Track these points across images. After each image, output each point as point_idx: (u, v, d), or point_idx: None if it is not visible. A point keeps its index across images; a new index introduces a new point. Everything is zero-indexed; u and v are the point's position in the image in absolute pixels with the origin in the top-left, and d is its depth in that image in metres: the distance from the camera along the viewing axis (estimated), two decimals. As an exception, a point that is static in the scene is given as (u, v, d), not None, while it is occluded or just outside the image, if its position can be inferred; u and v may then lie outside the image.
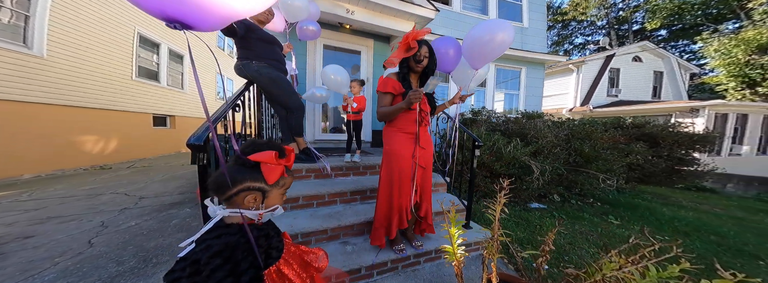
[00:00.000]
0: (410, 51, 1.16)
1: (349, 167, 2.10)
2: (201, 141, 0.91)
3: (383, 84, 1.23)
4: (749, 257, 1.62)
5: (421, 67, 1.20)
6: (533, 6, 4.45)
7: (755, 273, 1.43)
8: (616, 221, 2.15)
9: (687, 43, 13.10)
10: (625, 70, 7.54)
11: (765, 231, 2.14)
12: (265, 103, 2.11)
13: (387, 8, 2.72)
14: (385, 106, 1.22)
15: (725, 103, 5.47)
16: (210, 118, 1.18)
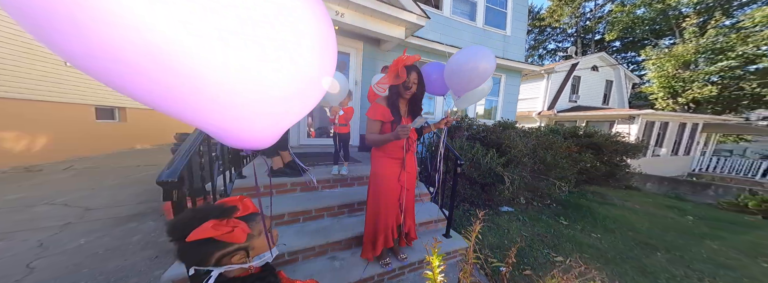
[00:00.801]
0: (399, 79, 1.18)
1: (337, 179, 2.10)
2: (175, 176, 0.80)
3: (373, 111, 1.25)
4: (651, 249, 2.11)
5: (411, 94, 1.22)
6: (517, 15, 4.65)
7: (651, 263, 1.87)
8: (564, 222, 2.57)
9: (634, 54, 15.00)
10: (585, 79, 8.50)
11: (667, 225, 2.78)
12: None
13: (378, 13, 2.64)
14: (374, 134, 1.26)
15: (654, 112, 6.63)
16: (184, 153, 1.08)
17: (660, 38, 13.80)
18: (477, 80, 1.25)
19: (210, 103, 0.33)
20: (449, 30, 4.10)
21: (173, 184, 0.78)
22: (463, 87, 1.32)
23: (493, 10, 4.49)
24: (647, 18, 13.63)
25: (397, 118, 1.21)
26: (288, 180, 1.87)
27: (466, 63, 1.25)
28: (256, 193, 1.83)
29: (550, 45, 19.16)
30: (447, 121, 1.32)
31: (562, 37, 18.44)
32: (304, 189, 1.96)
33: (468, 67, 1.23)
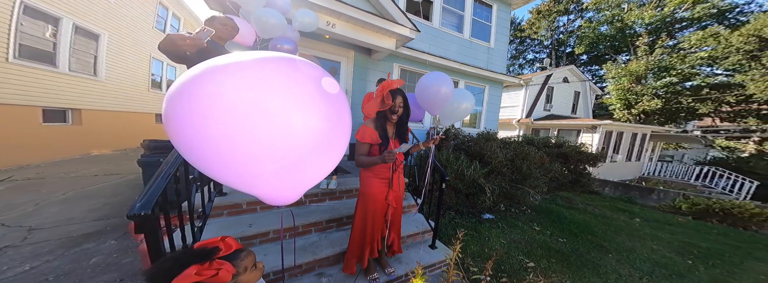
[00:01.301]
0: (386, 105, 1.25)
1: (325, 193, 2.09)
2: (149, 208, 0.71)
3: (362, 134, 1.30)
4: (605, 251, 2.42)
5: (397, 117, 1.29)
6: (500, 29, 4.98)
7: (604, 264, 2.17)
8: (537, 227, 2.84)
9: (598, 68, 16.80)
10: (557, 89, 9.36)
11: (619, 228, 3.20)
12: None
13: (369, 25, 2.69)
14: (363, 156, 1.31)
15: (612, 123, 7.56)
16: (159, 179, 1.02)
17: (618, 54, 15.66)
18: (441, 101, 1.43)
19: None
20: (438, 41, 4.26)
21: (147, 217, 0.71)
22: (434, 107, 1.47)
23: (479, 23, 4.76)
24: (609, 35, 15.39)
25: (384, 141, 1.28)
26: None
27: (430, 87, 1.41)
28: (238, 210, 1.76)
29: (529, 55, 20.75)
30: (434, 140, 1.41)
31: (539, 48, 20.08)
32: (291, 204, 1.94)
33: (432, 90, 1.41)
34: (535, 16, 18.50)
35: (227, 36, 1.49)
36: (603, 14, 15.42)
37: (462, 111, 1.51)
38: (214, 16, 1.44)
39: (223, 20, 1.44)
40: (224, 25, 1.44)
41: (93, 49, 4.75)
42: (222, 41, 1.49)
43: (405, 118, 1.34)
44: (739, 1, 12.20)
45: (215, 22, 1.41)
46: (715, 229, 3.65)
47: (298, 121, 0.47)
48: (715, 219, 4.00)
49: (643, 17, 13.51)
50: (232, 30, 1.49)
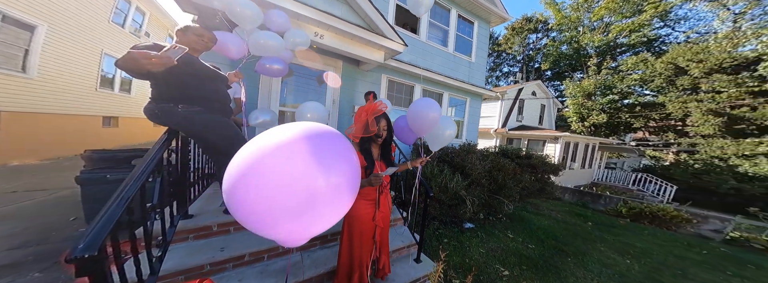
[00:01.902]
0: (370, 132, 1.28)
1: None
2: (95, 250, 0.59)
3: None
4: (565, 255, 2.77)
5: (382, 140, 1.34)
6: (480, 44, 5.42)
7: (564, 267, 2.48)
8: (511, 235, 3.13)
9: (559, 83, 19.20)
10: (527, 102, 10.48)
11: (576, 232, 3.69)
12: (195, 149, 1.74)
13: (358, 37, 2.74)
14: None
15: (570, 135, 8.73)
16: (113, 207, 0.93)
17: (575, 72, 18.15)
18: (430, 124, 1.57)
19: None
20: (424, 54, 4.47)
21: (93, 261, 0.57)
22: (423, 129, 1.60)
23: (462, 38, 5.13)
24: (568, 54, 17.77)
25: (370, 164, 1.30)
26: None
27: (421, 111, 1.56)
28: (208, 233, 1.61)
29: (505, 68, 22.80)
30: (422, 160, 1.48)
31: (513, 62, 22.20)
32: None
33: (423, 114, 1.54)
34: (510, 32, 20.50)
35: (203, 48, 1.37)
36: (564, 35, 17.77)
37: (446, 137, 1.67)
38: (189, 26, 1.32)
39: (198, 31, 1.33)
40: (200, 36, 1.33)
41: (24, 42, 3.98)
42: (196, 53, 1.37)
43: (389, 140, 1.38)
44: (662, 33, 15.22)
45: (189, 33, 1.30)
46: (647, 230, 4.43)
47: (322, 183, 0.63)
48: (646, 221, 4.87)
49: (594, 40, 15.94)
50: (208, 42, 1.38)
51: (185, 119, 1.26)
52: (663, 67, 11.99)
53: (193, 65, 1.28)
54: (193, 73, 1.27)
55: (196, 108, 1.28)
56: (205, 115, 1.32)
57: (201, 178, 1.98)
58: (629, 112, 14.00)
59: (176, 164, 1.47)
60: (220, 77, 1.45)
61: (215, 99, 1.39)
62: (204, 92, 1.31)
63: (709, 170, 10.01)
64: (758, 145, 9.28)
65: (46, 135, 4.47)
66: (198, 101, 1.29)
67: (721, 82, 10.32)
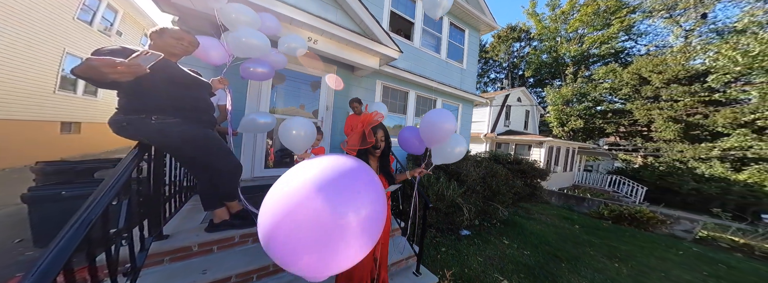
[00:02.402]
0: (367, 143, 1.24)
1: None
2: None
3: None
4: (559, 261, 2.87)
5: (380, 152, 1.29)
6: (471, 51, 5.62)
7: (559, 273, 2.56)
8: (506, 241, 3.19)
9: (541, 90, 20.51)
10: (513, 108, 11.03)
11: (566, 236, 3.85)
12: (172, 159, 1.58)
13: (353, 43, 2.73)
14: None
15: (553, 139, 9.30)
16: (70, 235, 0.75)
17: (554, 79, 19.52)
18: (443, 135, 1.50)
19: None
20: (418, 60, 4.54)
21: None
22: (435, 140, 1.52)
23: (454, 45, 5.29)
24: (548, 62, 19.11)
25: None
26: (236, 233, 1.58)
27: (436, 121, 1.49)
28: (187, 254, 1.44)
29: (492, 75, 23.94)
30: (420, 171, 1.44)
31: (499, 69, 23.40)
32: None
33: (438, 124, 1.48)
34: (496, 40, 21.66)
35: (182, 52, 1.24)
36: (544, 44, 19.12)
37: (456, 154, 1.58)
38: (165, 28, 1.18)
39: (176, 34, 1.19)
40: (179, 39, 1.20)
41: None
42: (175, 58, 1.24)
43: (387, 151, 1.34)
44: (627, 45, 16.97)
45: (166, 36, 1.17)
46: (628, 231, 4.73)
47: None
48: (626, 222, 5.25)
49: (570, 50, 17.33)
50: (189, 46, 1.25)
51: (159, 133, 1.12)
52: (629, 77, 13.30)
53: (170, 71, 1.15)
54: (169, 79, 1.13)
55: (172, 119, 1.14)
56: (184, 127, 1.18)
57: (178, 192, 1.80)
58: (602, 118, 15.26)
59: (148, 177, 1.31)
60: (201, 84, 1.32)
61: (195, 108, 1.24)
62: (182, 101, 1.18)
63: (672, 172, 11.13)
64: (711, 149, 10.49)
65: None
66: (175, 112, 1.16)
67: (678, 92, 11.67)
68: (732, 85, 10.47)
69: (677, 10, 13.36)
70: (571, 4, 17.09)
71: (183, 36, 1.20)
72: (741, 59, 9.27)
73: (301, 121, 1.59)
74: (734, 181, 9.71)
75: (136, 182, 1.19)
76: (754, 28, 10.35)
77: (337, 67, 3.31)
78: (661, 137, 12.37)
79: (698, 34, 13.28)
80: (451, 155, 1.58)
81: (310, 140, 1.64)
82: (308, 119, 1.67)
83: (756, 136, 9.52)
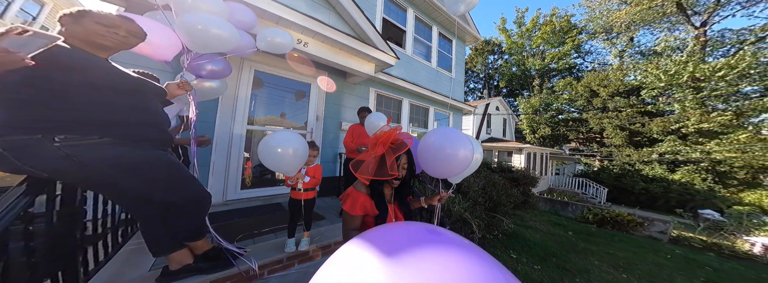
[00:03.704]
0: (389, 174, 0.92)
1: (293, 256, 1.64)
2: None
3: (351, 204, 0.99)
4: (570, 275, 2.87)
5: (400, 182, 1.02)
6: (458, 61, 5.88)
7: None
8: (513, 255, 3.13)
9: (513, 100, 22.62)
10: (493, 117, 11.77)
11: (566, 244, 3.98)
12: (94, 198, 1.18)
13: (347, 47, 2.54)
14: (355, 231, 0.99)
15: (531, 146, 10.16)
16: None
17: (523, 90, 21.76)
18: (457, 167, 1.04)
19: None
20: (411, 68, 4.54)
21: None
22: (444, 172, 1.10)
23: (443, 55, 5.46)
24: (517, 75, 21.33)
25: (382, 211, 0.98)
26: (206, 278, 1.24)
27: (442, 149, 1.04)
28: None
29: (471, 84, 25.71)
30: (440, 197, 1.19)
31: (477, 80, 25.28)
32: (239, 281, 1.33)
33: (445, 153, 1.04)
34: (474, 52, 23.59)
35: (115, 44, 0.89)
36: (513, 58, 21.40)
37: (474, 163, 1.20)
38: (84, 10, 0.83)
39: (106, 19, 0.84)
40: (108, 27, 0.84)
41: None
42: (104, 52, 0.88)
43: (408, 179, 1.06)
44: (577, 62, 19.92)
45: (86, 21, 0.81)
46: (615, 236, 5.05)
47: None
48: (609, 226, 5.71)
49: (535, 64, 19.68)
50: (127, 36, 0.90)
51: (67, 160, 0.77)
52: (582, 89, 15.50)
53: (95, 71, 0.81)
54: (91, 82, 0.80)
55: (94, 139, 0.81)
56: (117, 149, 0.86)
57: (113, 227, 1.36)
58: (565, 126, 17.31)
59: (56, 212, 0.90)
60: (149, 89, 0.99)
61: (138, 122, 0.92)
62: (114, 113, 0.85)
63: (625, 174, 12.81)
64: (651, 153, 12.50)
65: None
66: (101, 128, 0.83)
67: (621, 104, 13.94)
68: (659, 98, 12.81)
69: (612, 33, 16.26)
70: (533, 23, 19.62)
71: (117, 22, 0.86)
72: (663, 77, 11.50)
73: (287, 136, 1.25)
74: (672, 180, 11.50)
75: (44, 217, 0.82)
76: (668, 51, 13.13)
77: (327, 74, 3.07)
78: (612, 143, 14.42)
79: (628, 54, 16.31)
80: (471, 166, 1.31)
81: (301, 159, 1.34)
82: (294, 133, 1.33)
83: (681, 142, 11.63)
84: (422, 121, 4.88)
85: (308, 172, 1.63)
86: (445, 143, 1.06)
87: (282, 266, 1.61)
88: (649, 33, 15.09)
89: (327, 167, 3.02)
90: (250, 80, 2.51)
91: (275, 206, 2.40)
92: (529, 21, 19.65)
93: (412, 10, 4.59)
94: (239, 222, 1.97)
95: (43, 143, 0.74)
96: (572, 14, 18.45)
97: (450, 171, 1.09)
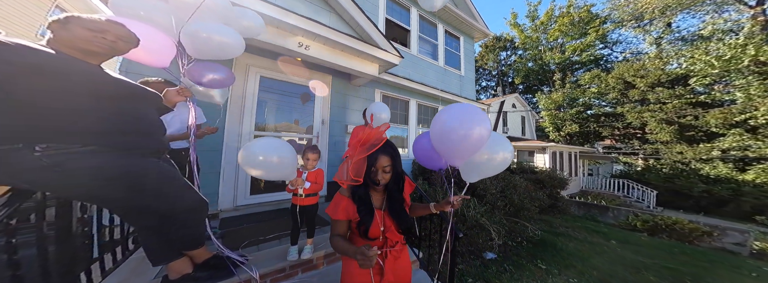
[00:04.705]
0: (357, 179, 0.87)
1: (297, 264, 1.60)
2: None
3: (334, 208, 0.93)
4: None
5: (384, 186, 0.93)
6: (467, 58, 5.71)
7: None
8: (543, 265, 2.82)
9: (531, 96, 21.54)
10: (509, 114, 11.23)
11: (608, 255, 3.47)
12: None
13: (349, 48, 2.55)
14: (338, 237, 0.92)
15: (556, 144, 9.39)
16: None
17: (543, 86, 20.64)
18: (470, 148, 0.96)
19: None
20: (417, 67, 4.49)
21: None
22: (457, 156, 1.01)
23: (450, 52, 5.35)
24: (535, 70, 20.33)
25: (365, 216, 0.88)
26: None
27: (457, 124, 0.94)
28: None
29: (483, 83, 25.01)
30: (454, 202, 1.03)
31: (489, 77, 24.58)
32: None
33: (458, 132, 0.94)
34: (484, 49, 23.09)
35: (105, 51, 0.88)
36: (528, 53, 20.52)
37: (498, 163, 1.05)
38: (75, 15, 0.83)
39: (93, 24, 0.83)
40: (97, 32, 0.83)
41: None
42: (94, 58, 0.88)
43: (396, 184, 0.96)
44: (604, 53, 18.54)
45: (73, 26, 0.81)
46: (674, 247, 4.31)
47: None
48: (664, 235, 4.86)
49: (554, 58, 18.63)
50: (117, 41, 0.89)
51: (48, 171, 0.75)
52: (614, 81, 14.23)
53: (74, 77, 0.79)
54: (70, 88, 0.79)
55: (77, 148, 0.79)
56: (102, 158, 0.83)
57: (122, 238, 1.41)
58: (596, 121, 15.95)
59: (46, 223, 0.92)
60: (141, 96, 0.98)
61: (128, 130, 0.91)
62: (95, 120, 0.83)
63: (678, 174, 11.15)
64: (711, 150, 10.67)
65: None
66: (88, 136, 0.82)
67: (664, 95, 12.45)
68: (714, 87, 11.08)
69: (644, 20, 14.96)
70: (548, 16, 18.80)
71: (106, 27, 0.85)
72: (716, 63, 10.07)
73: (266, 143, 1.18)
74: (743, 181, 9.64)
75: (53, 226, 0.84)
76: (719, 34, 11.54)
77: (332, 77, 3.11)
78: (658, 139, 12.86)
79: (667, 41, 14.79)
80: (492, 165, 1.08)
81: (290, 164, 1.26)
82: (275, 138, 1.26)
83: (751, 135, 9.69)
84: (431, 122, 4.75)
85: (309, 177, 1.60)
86: (456, 119, 0.97)
87: (285, 274, 1.57)
88: (690, 17, 13.66)
89: (333, 171, 3.00)
90: (256, 86, 2.60)
91: (283, 212, 2.41)
92: (544, 14, 18.89)
93: (416, 9, 4.59)
94: (246, 228, 1.98)
95: (22, 153, 0.72)
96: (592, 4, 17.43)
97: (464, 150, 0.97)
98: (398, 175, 0.97)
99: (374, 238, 0.90)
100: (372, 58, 2.81)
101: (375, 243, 0.90)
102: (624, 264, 3.27)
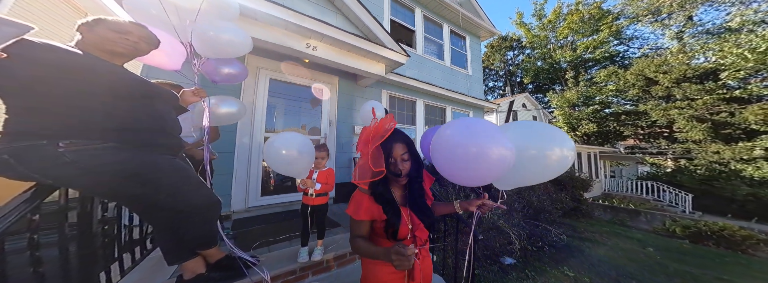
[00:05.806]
0: (378, 170, 0.79)
1: (307, 266, 1.60)
2: None
3: (355, 208, 0.88)
4: None
5: (406, 176, 0.87)
6: (474, 57, 5.70)
7: None
8: (570, 272, 2.63)
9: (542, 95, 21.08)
10: (520, 113, 11.00)
11: (647, 265, 3.15)
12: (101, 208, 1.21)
13: (356, 48, 2.61)
14: (360, 239, 0.86)
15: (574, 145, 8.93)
16: None
17: (554, 84, 20.18)
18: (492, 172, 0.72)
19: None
20: (423, 68, 4.52)
21: None
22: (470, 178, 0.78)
23: (457, 52, 5.37)
24: (545, 69, 19.97)
25: (392, 216, 0.84)
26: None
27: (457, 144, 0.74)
28: None
29: (490, 83, 24.87)
30: (482, 204, 0.96)
31: (496, 77, 24.39)
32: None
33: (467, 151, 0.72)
34: (490, 49, 23.03)
35: (129, 51, 0.95)
36: (536, 51, 20.25)
37: (556, 165, 0.76)
38: (100, 19, 0.90)
39: (118, 26, 0.91)
40: (122, 34, 0.91)
41: None
42: (118, 59, 0.95)
43: (417, 172, 0.89)
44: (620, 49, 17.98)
45: (100, 28, 0.88)
46: (725, 256, 3.89)
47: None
48: (710, 242, 4.35)
49: (565, 56, 18.27)
50: (139, 42, 0.96)
51: (71, 166, 0.77)
52: (634, 78, 13.66)
53: (99, 77, 0.84)
54: (94, 87, 0.83)
55: (97, 144, 0.82)
56: (122, 155, 0.86)
57: (141, 238, 1.44)
58: (616, 120, 15.28)
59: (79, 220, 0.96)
60: (158, 95, 1.03)
61: (145, 127, 0.94)
62: (120, 119, 0.87)
63: (715, 176, 10.11)
64: (752, 149, 9.76)
65: None
66: (106, 132, 0.85)
67: (692, 91, 11.70)
68: (750, 81, 10.29)
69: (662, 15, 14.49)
70: (556, 14, 18.64)
71: (129, 29, 0.93)
72: (750, 55, 9.42)
73: (291, 137, 1.27)
74: None
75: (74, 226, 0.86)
76: (749, 26, 10.80)
77: (339, 78, 3.17)
78: (689, 138, 12.04)
79: (690, 35, 14.15)
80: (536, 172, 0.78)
81: (308, 160, 1.34)
82: (299, 134, 1.35)
83: None
84: (439, 122, 4.72)
85: (319, 177, 1.60)
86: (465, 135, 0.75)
87: (295, 277, 1.56)
88: (714, 9, 13.07)
89: (341, 172, 3.00)
90: (266, 89, 2.68)
91: (293, 213, 2.42)
92: (551, 12, 18.75)
93: (420, 10, 4.67)
94: (258, 229, 1.99)
95: (46, 149, 0.74)
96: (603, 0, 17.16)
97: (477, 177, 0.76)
98: (417, 161, 0.91)
99: (402, 238, 0.84)
100: (378, 57, 2.85)
101: (405, 243, 0.82)
102: (667, 274, 2.99)
